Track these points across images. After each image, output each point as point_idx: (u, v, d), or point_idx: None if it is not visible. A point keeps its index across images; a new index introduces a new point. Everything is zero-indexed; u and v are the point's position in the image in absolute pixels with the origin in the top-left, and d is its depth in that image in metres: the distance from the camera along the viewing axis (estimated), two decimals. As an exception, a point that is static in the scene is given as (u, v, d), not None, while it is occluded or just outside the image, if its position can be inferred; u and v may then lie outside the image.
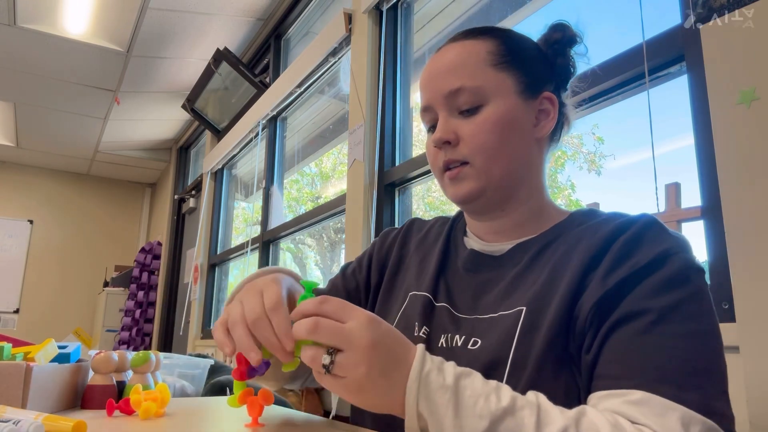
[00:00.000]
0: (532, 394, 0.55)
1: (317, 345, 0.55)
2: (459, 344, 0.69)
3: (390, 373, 0.53)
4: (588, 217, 0.72)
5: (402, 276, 0.85)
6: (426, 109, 0.75)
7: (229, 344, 0.60)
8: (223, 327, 0.61)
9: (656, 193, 1.14)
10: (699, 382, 0.54)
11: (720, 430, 0.52)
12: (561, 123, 0.78)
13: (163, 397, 0.76)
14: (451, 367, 0.55)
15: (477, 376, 0.55)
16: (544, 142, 0.75)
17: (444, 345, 0.70)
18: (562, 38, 0.77)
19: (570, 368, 0.61)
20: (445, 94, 0.72)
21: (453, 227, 0.85)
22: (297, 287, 0.71)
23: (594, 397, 0.57)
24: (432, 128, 0.76)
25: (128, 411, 0.74)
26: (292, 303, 0.65)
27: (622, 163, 1.71)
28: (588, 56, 0.78)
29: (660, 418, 0.52)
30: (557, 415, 0.52)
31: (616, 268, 0.61)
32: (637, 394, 0.53)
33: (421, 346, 0.56)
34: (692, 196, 1.17)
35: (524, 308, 0.65)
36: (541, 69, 0.75)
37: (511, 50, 0.73)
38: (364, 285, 0.88)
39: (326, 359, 0.53)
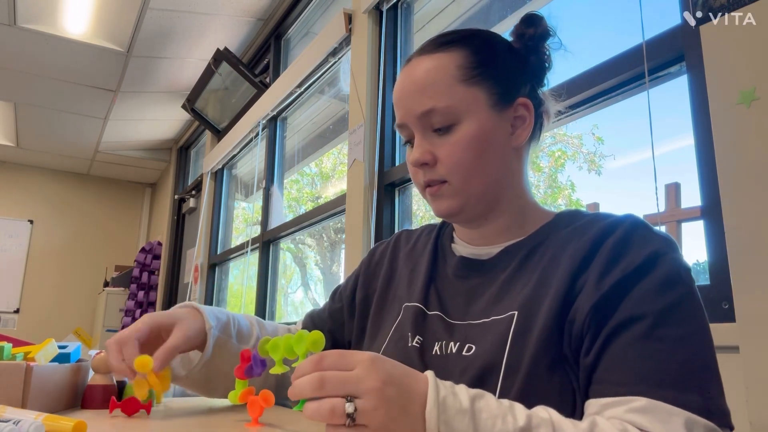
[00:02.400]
0: (543, 410, 0.55)
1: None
2: (454, 351, 0.69)
3: (408, 408, 0.51)
4: (574, 218, 0.72)
5: (394, 289, 0.85)
6: (401, 126, 0.75)
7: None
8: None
9: (656, 193, 1.14)
10: (698, 383, 0.55)
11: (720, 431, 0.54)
12: (540, 121, 0.77)
13: (165, 378, 0.74)
14: (464, 390, 0.54)
15: (490, 397, 0.55)
16: (522, 147, 0.75)
17: (438, 353, 0.70)
18: (534, 33, 0.75)
19: (563, 370, 0.61)
20: (418, 116, 0.71)
21: (440, 235, 0.85)
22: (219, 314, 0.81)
23: (596, 403, 0.57)
24: (408, 142, 0.75)
25: (128, 411, 0.74)
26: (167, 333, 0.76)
27: (622, 163, 1.71)
28: (565, 46, 0.77)
29: (665, 424, 0.52)
30: (571, 429, 0.52)
31: (609, 271, 0.62)
32: (641, 401, 0.54)
33: (430, 373, 0.55)
34: (692, 196, 1.18)
35: (516, 312, 0.65)
36: (514, 73, 0.74)
37: (481, 61, 0.71)
38: (348, 304, 0.89)
39: (350, 407, 0.49)
